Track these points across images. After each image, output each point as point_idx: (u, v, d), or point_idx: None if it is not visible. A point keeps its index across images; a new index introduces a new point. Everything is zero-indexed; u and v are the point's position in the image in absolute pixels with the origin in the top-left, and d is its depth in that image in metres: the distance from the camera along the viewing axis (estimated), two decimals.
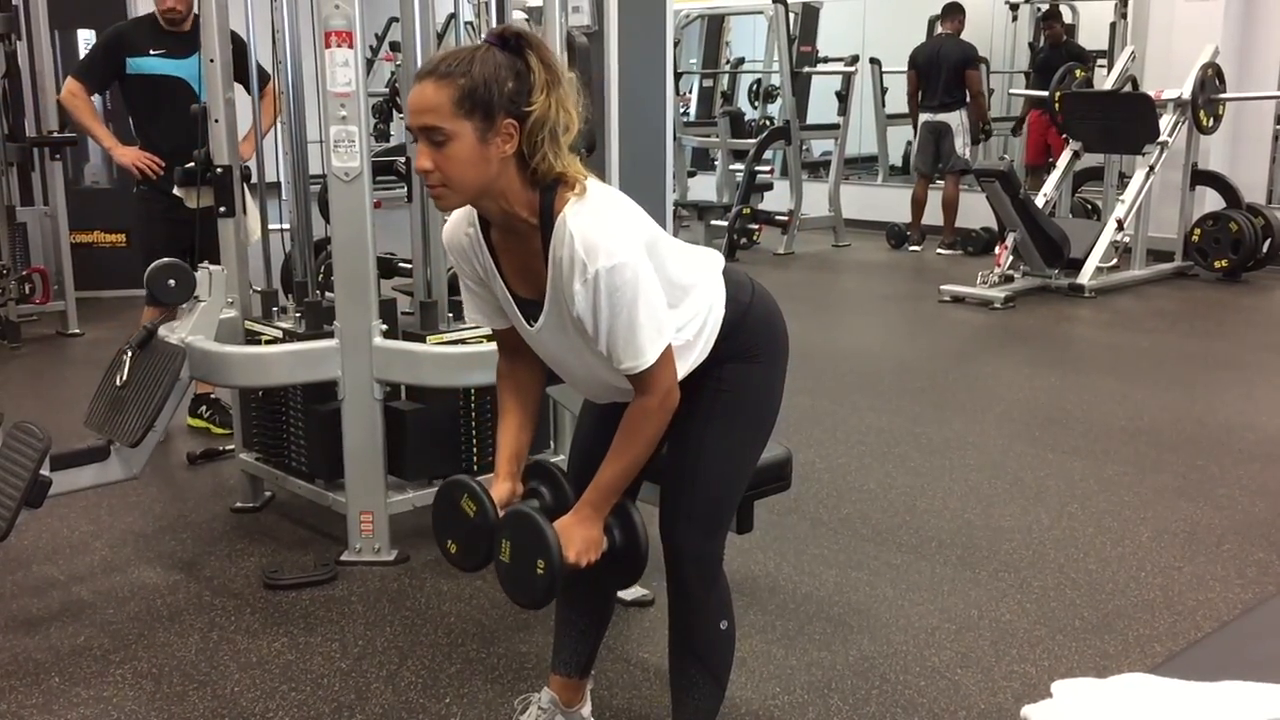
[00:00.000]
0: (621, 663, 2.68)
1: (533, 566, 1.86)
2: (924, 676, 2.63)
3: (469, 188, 1.80)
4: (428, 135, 1.77)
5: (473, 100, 1.74)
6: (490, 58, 1.77)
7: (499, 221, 1.88)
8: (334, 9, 2.97)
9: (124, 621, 2.92)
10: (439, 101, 1.75)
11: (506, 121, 1.77)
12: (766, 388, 2.05)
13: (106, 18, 6.87)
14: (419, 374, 3.16)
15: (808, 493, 3.73)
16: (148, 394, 3.11)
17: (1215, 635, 1.67)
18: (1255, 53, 8.20)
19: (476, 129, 1.75)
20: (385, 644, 2.79)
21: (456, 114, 1.75)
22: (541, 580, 1.86)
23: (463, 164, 1.77)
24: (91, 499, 3.61)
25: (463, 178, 1.78)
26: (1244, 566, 3.23)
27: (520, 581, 1.90)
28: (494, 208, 1.85)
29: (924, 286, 7.56)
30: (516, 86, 1.77)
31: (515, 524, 1.91)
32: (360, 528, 3.20)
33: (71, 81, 4.39)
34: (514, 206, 1.83)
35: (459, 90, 1.74)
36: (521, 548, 1.88)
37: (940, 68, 8.56)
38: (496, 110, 1.76)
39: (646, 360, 1.83)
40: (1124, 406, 4.78)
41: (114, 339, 3.54)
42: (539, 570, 1.86)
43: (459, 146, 1.76)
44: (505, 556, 1.91)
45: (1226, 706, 1.26)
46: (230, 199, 3.49)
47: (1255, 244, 7.53)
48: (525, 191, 1.83)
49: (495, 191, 1.82)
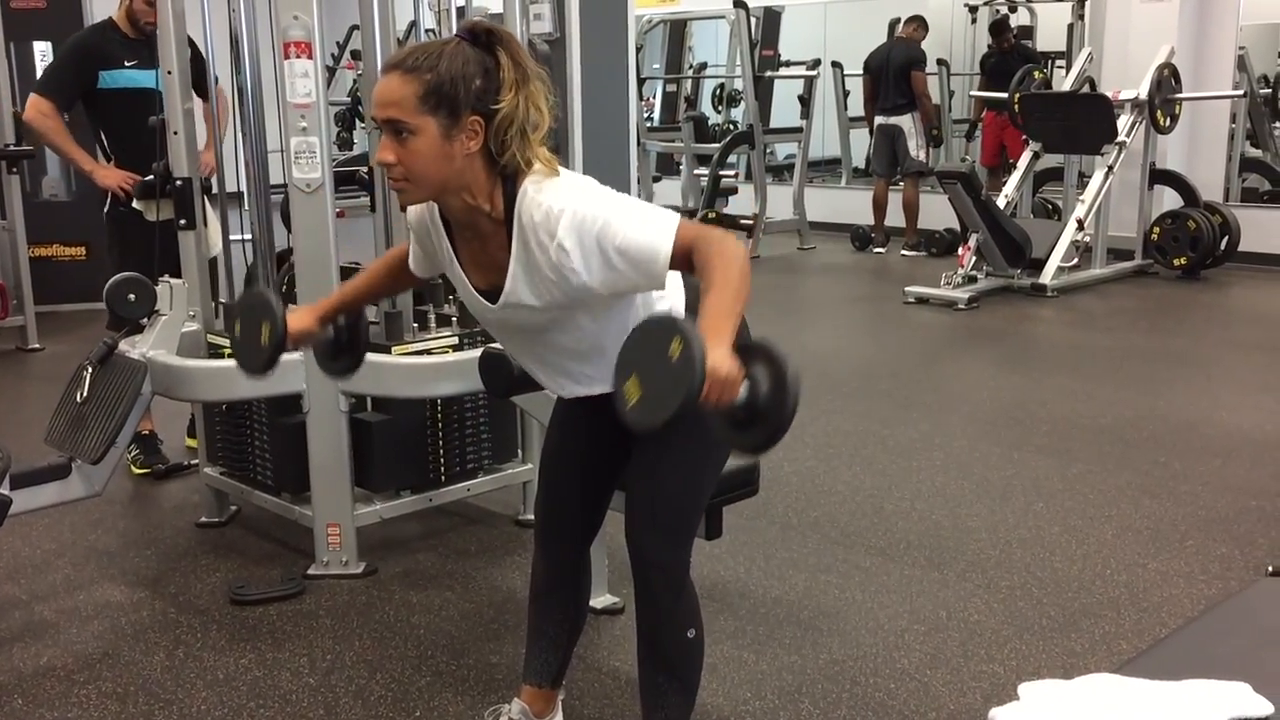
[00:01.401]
0: (593, 672, 2.67)
1: (666, 362, 1.54)
2: (894, 679, 2.64)
3: (431, 183, 1.79)
4: (391, 128, 1.75)
5: (438, 96, 1.73)
6: (459, 53, 1.75)
7: (461, 217, 1.87)
8: (293, 19, 2.95)
9: (88, 640, 2.88)
10: (404, 95, 1.73)
11: (472, 119, 1.75)
12: None
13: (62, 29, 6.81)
14: (385, 385, 3.14)
15: (776, 497, 3.74)
16: (109, 410, 3.07)
17: (1179, 633, 1.68)
18: (1210, 53, 8.31)
19: (441, 125, 1.74)
20: (354, 658, 2.77)
21: (421, 109, 1.73)
22: (679, 366, 1.53)
23: (425, 159, 1.75)
24: (53, 517, 3.56)
25: (425, 173, 1.77)
26: (1207, 562, 3.26)
27: (655, 394, 1.57)
28: (457, 203, 1.83)
29: (888, 288, 7.61)
30: (484, 84, 1.75)
31: (635, 339, 1.62)
32: (327, 541, 3.18)
33: (39, 99, 4.07)
34: (478, 200, 1.82)
35: (425, 85, 1.73)
36: (649, 350, 1.58)
37: (889, 71, 8.66)
38: (462, 107, 1.74)
39: (665, 240, 1.72)
40: (1087, 405, 4.83)
41: (74, 354, 3.50)
42: (673, 355, 1.53)
43: (422, 141, 1.74)
44: (635, 394, 1.59)
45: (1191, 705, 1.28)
46: (190, 211, 3.45)
47: (1213, 242, 7.63)
48: (489, 184, 1.81)
49: (458, 187, 1.80)
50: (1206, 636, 1.60)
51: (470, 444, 3.42)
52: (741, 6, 9.01)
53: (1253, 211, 8.16)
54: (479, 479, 3.45)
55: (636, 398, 1.60)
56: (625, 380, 1.61)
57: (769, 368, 1.63)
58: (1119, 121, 7.56)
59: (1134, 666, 1.45)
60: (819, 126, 10.07)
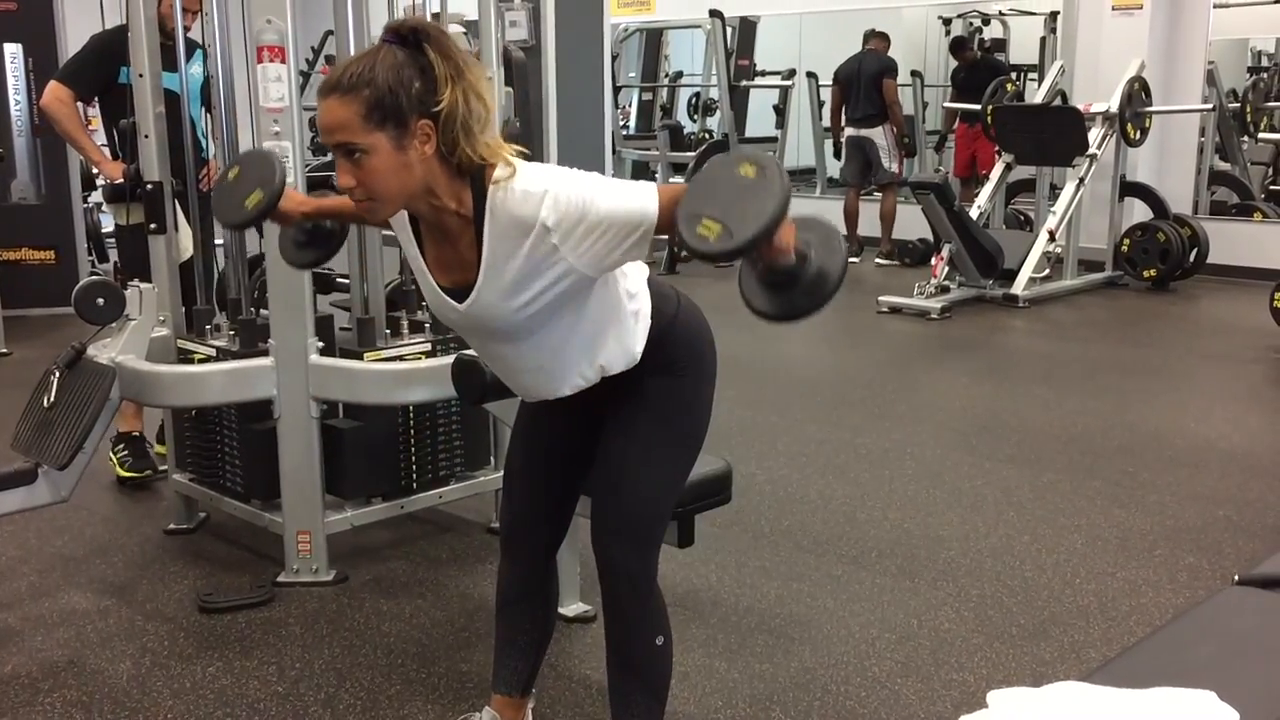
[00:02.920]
0: (564, 680, 2.66)
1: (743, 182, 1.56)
2: (865, 687, 2.65)
3: (395, 196, 1.77)
4: (343, 151, 1.74)
5: (382, 110, 1.71)
6: (390, 59, 1.73)
7: (430, 219, 1.86)
8: (266, 24, 2.94)
9: (53, 648, 2.85)
10: (347, 117, 1.71)
11: (421, 123, 1.73)
12: (693, 403, 2.04)
13: (34, 32, 6.78)
14: (356, 391, 3.13)
15: (748, 505, 3.74)
16: (76, 415, 3.04)
17: (1147, 642, 1.69)
18: (1180, 66, 8.41)
19: (391, 138, 1.72)
20: (323, 666, 2.74)
21: (368, 127, 1.71)
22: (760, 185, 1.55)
23: (384, 175, 1.73)
24: (19, 523, 3.52)
25: (387, 188, 1.75)
26: (1175, 571, 3.29)
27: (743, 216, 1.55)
28: (424, 206, 1.82)
29: (862, 297, 7.63)
30: (423, 86, 1.73)
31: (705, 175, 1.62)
32: (297, 548, 3.15)
33: (59, 87, 4.06)
34: (444, 200, 1.80)
35: (366, 103, 1.70)
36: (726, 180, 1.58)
37: (860, 81, 8.70)
38: (408, 114, 1.72)
39: (650, 207, 1.71)
40: (1058, 414, 4.86)
41: (42, 358, 3.46)
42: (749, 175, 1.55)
43: (377, 159, 1.72)
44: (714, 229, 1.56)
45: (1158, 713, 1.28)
46: (160, 215, 3.43)
47: (1182, 254, 7.70)
48: (454, 184, 1.79)
49: (423, 191, 1.79)
50: (1174, 645, 1.62)
51: (443, 451, 3.40)
52: (717, 16, 9.05)
53: (1221, 224, 8.25)
54: (451, 486, 3.44)
55: (717, 233, 1.56)
56: (695, 225, 1.58)
57: (820, 235, 1.69)
58: (1090, 134, 7.63)
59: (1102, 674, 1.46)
60: (794, 136, 10.12)
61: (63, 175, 6.97)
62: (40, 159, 6.96)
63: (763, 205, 1.54)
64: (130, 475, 4.01)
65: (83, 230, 7.22)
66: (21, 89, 6.83)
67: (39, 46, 6.77)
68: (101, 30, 4.12)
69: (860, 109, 8.73)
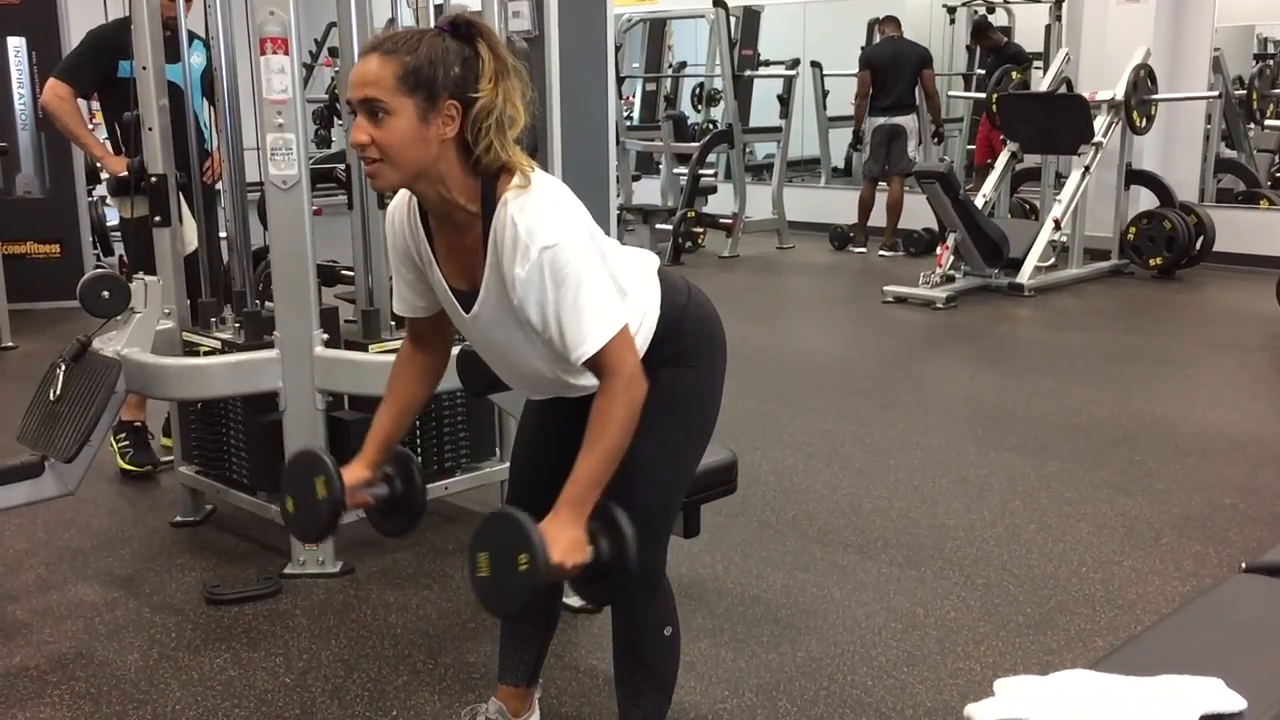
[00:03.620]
0: (570, 670, 2.67)
1: (515, 565, 1.72)
2: (871, 676, 2.65)
3: (407, 166, 1.77)
4: (367, 108, 1.74)
5: (417, 78, 1.72)
6: (439, 42, 1.75)
7: (436, 209, 1.86)
8: (269, 15, 2.93)
9: (61, 641, 2.86)
10: (382, 75, 1.72)
11: (450, 103, 1.74)
12: (703, 392, 2.04)
13: (38, 25, 6.78)
14: (362, 383, 3.12)
15: (754, 495, 3.74)
16: (82, 408, 3.04)
17: (1153, 630, 1.69)
18: (1185, 54, 8.37)
19: (418, 107, 1.73)
20: (330, 657, 2.75)
21: (399, 89, 1.72)
22: (524, 578, 1.71)
23: (401, 140, 1.73)
24: (26, 516, 3.53)
25: (400, 154, 1.75)
26: (1181, 559, 3.29)
27: (502, 587, 1.76)
28: (432, 193, 1.82)
29: (867, 287, 7.63)
30: (463, 72, 1.75)
31: (492, 527, 1.79)
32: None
33: (58, 84, 4.04)
34: (453, 193, 1.80)
35: (403, 66, 1.72)
36: (501, 548, 1.75)
37: (900, 69, 8.64)
38: (440, 91, 1.73)
39: (592, 345, 1.78)
40: (1063, 403, 4.85)
41: (48, 352, 3.47)
42: (521, 566, 1.71)
43: (398, 122, 1.73)
44: (484, 569, 1.77)
45: (1164, 701, 1.28)
46: (165, 208, 3.43)
47: (1188, 242, 7.68)
48: (466, 179, 1.80)
49: (434, 175, 1.79)
50: (1180, 633, 1.61)
51: (448, 442, 3.40)
52: (721, 6, 9.02)
53: (1228, 212, 8.22)
54: (457, 477, 3.44)
55: (486, 573, 1.78)
56: (478, 552, 1.78)
57: (612, 533, 1.81)
58: (1096, 122, 7.60)
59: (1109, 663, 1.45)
60: (798, 126, 10.08)
61: (67, 169, 6.98)
62: (45, 153, 6.97)
63: (515, 598, 1.77)
64: (131, 468, 4.02)
65: (88, 224, 7.23)
66: (25, 83, 6.83)
67: (42, 40, 6.78)
68: (100, 24, 4.11)
69: (895, 96, 8.66)
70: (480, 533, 1.81)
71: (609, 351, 1.80)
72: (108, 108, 4.14)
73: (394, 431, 2.07)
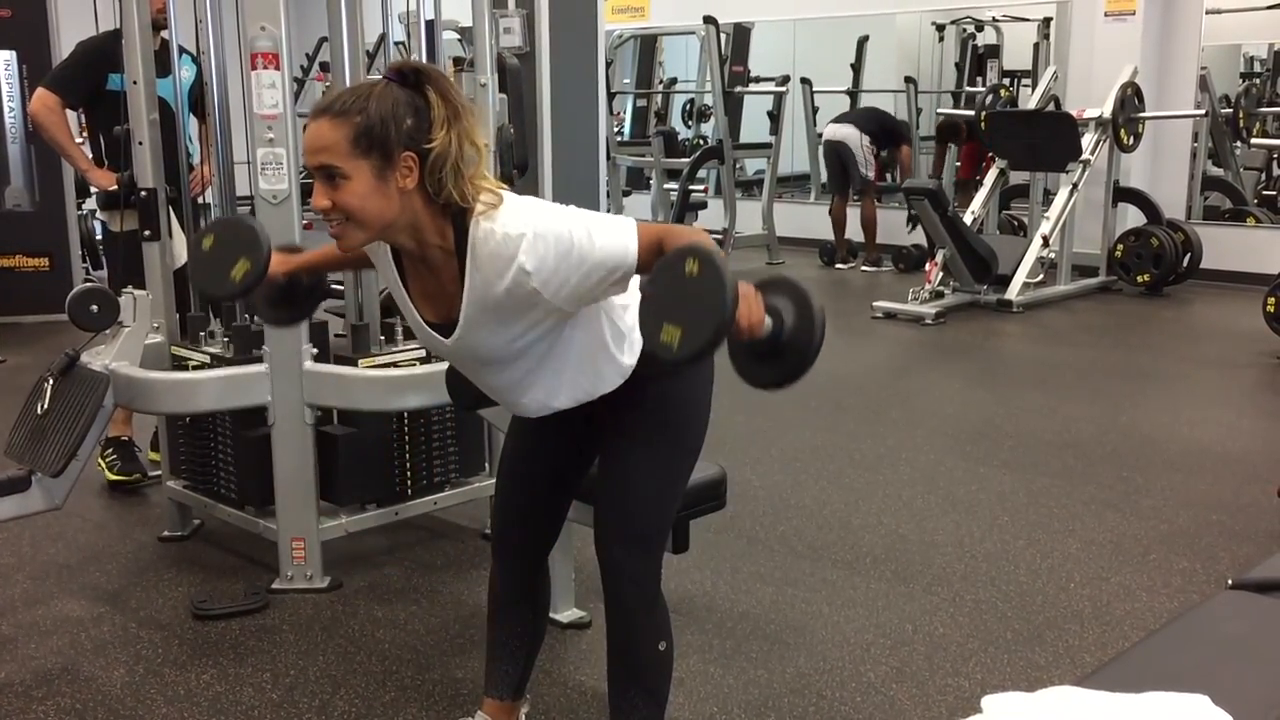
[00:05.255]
0: (559, 686, 2.66)
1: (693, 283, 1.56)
2: (860, 692, 2.65)
3: (371, 223, 1.77)
4: (324, 174, 1.74)
5: (369, 139, 1.72)
6: (388, 94, 1.74)
7: (413, 253, 1.86)
8: (260, 30, 2.94)
9: (47, 656, 2.84)
10: (334, 140, 1.72)
11: (405, 154, 1.74)
12: (691, 406, 2.05)
13: (28, 38, 6.77)
14: (351, 398, 3.12)
15: (744, 511, 3.74)
16: (70, 422, 3.03)
17: (1140, 646, 1.69)
18: (1172, 72, 8.43)
19: (374, 167, 1.73)
20: (318, 673, 2.74)
21: (353, 152, 1.72)
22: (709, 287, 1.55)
23: (361, 201, 1.74)
24: (12, 530, 3.51)
25: (363, 214, 1.75)
26: (1169, 576, 3.29)
27: (697, 319, 1.57)
28: (405, 241, 1.83)
29: (856, 303, 7.65)
30: (415, 123, 1.74)
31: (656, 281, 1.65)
32: (292, 555, 3.15)
33: (46, 94, 4.03)
34: (425, 236, 1.81)
35: (355, 129, 1.72)
36: (678, 286, 1.59)
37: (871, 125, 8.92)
38: (394, 147, 1.73)
39: (631, 247, 1.74)
40: (1052, 420, 4.87)
41: (36, 365, 3.46)
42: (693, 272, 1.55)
43: (356, 185, 1.73)
44: (675, 334, 1.58)
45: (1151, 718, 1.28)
46: (155, 222, 3.42)
47: (1176, 259, 7.72)
48: (435, 219, 1.80)
49: (402, 225, 1.79)
50: (1168, 649, 1.62)
51: (437, 457, 3.40)
52: (712, 22, 9.06)
53: (1214, 229, 8.27)
54: (446, 492, 3.43)
55: (679, 337, 1.57)
56: (658, 333, 1.59)
57: (790, 296, 1.67)
58: (1083, 140, 7.64)
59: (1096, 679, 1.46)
60: (788, 142, 10.12)
61: (57, 182, 6.96)
62: (34, 166, 6.94)
63: (714, 300, 1.56)
64: (119, 478, 4.00)
65: (77, 237, 7.21)
66: (15, 96, 6.81)
67: (33, 53, 6.77)
68: (90, 36, 4.11)
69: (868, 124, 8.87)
70: (646, 319, 1.64)
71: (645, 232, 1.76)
72: (95, 120, 4.14)
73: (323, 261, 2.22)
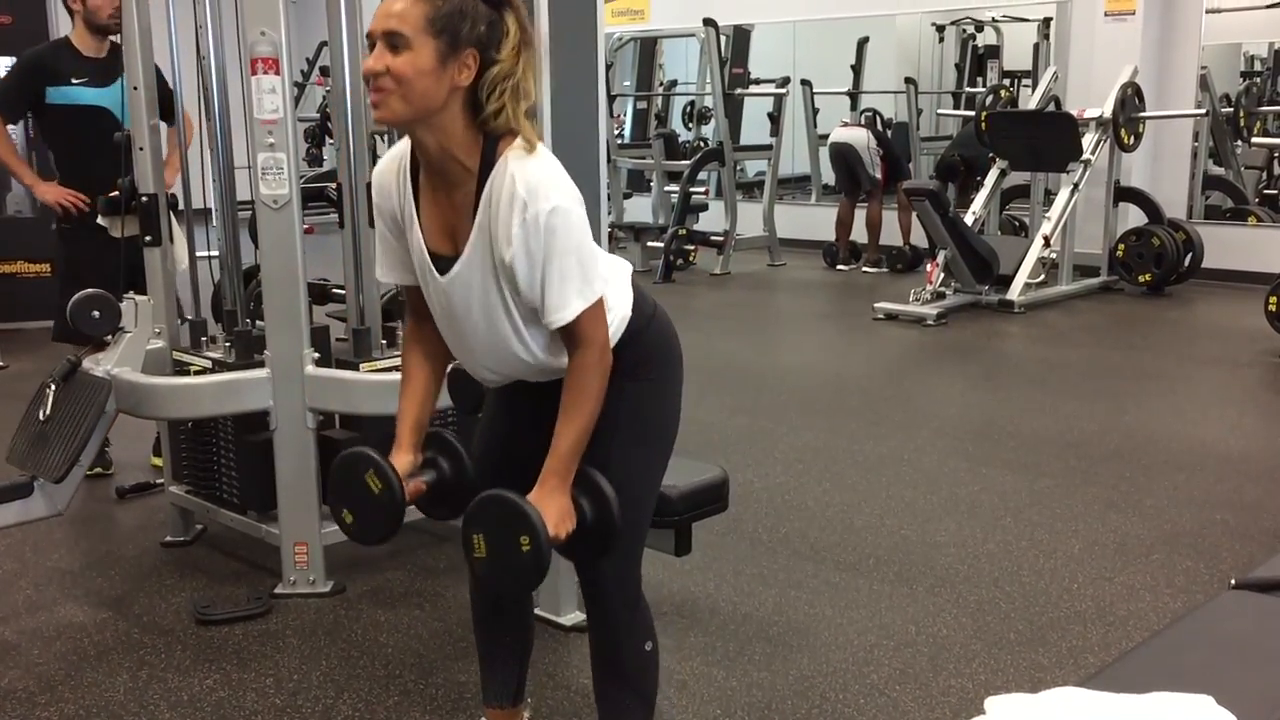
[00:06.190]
0: (561, 689, 2.66)
1: (517, 547, 1.77)
2: (863, 694, 2.64)
3: (416, 101, 1.76)
4: (388, 40, 1.75)
5: (444, 23, 1.74)
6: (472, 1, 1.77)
7: (433, 160, 1.84)
8: (260, 35, 2.94)
9: (50, 662, 2.84)
10: (412, 12, 1.74)
11: (469, 52, 1.76)
12: (662, 408, 2.03)
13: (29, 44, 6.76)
14: (353, 402, 3.12)
15: (746, 513, 3.74)
16: (72, 428, 3.04)
17: (1144, 646, 1.69)
18: (1173, 72, 8.43)
19: (439, 50, 1.74)
20: (321, 678, 2.74)
21: (425, 29, 1.73)
22: (529, 558, 1.77)
23: (416, 73, 1.74)
24: (15, 536, 3.51)
25: (412, 87, 1.75)
26: (1173, 575, 3.29)
27: (506, 568, 1.82)
28: (431, 142, 1.81)
29: (858, 304, 7.65)
30: (489, 32, 1.77)
31: (486, 509, 1.82)
32: (294, 559, 3.15)
33: None
34: (452, 146, 1.81)
35: (433, 9, 1.74)
36: (500, 532, 1.79)
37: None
38: (463, 41, 1.75)
39: (571, 311, 1.81)
40: (1054, 420, 4.86)
41: (38, 371, 3.46)
42: (524, 548, 1.76)
43: (416, 57, 1.74)
44: (480, 551, 1.82)
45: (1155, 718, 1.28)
46: (156, 227, 3.43)
47: (1177, 258, 7.72)
48: (468, 134, 1.81)
49: (437, 123, 1.79)
50: (1171, 649, 1.62)
51: None
52: (711, 24, 9.07)
53: (1215, 229, 8.27)
54: None
55: (484, 554, 1.83)
56: (473, 533, 1.83)
57: (592, 494, 1.89)
58: (1084, 140, 7.64)
59: (1100, 680, 1.46)
60: (788, 144, 10.13)
61: None
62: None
63: (521, 579, 1.84)
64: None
65: None
66: None
67: None
68: (31, 49, 4.18)
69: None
70: (473, 515, 1.84)
71: (585, 320, 1.83)
72: (43, 133, 4.20)
73: (422, 413, 2.06)
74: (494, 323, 1.89)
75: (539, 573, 1.81)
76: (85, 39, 4.12)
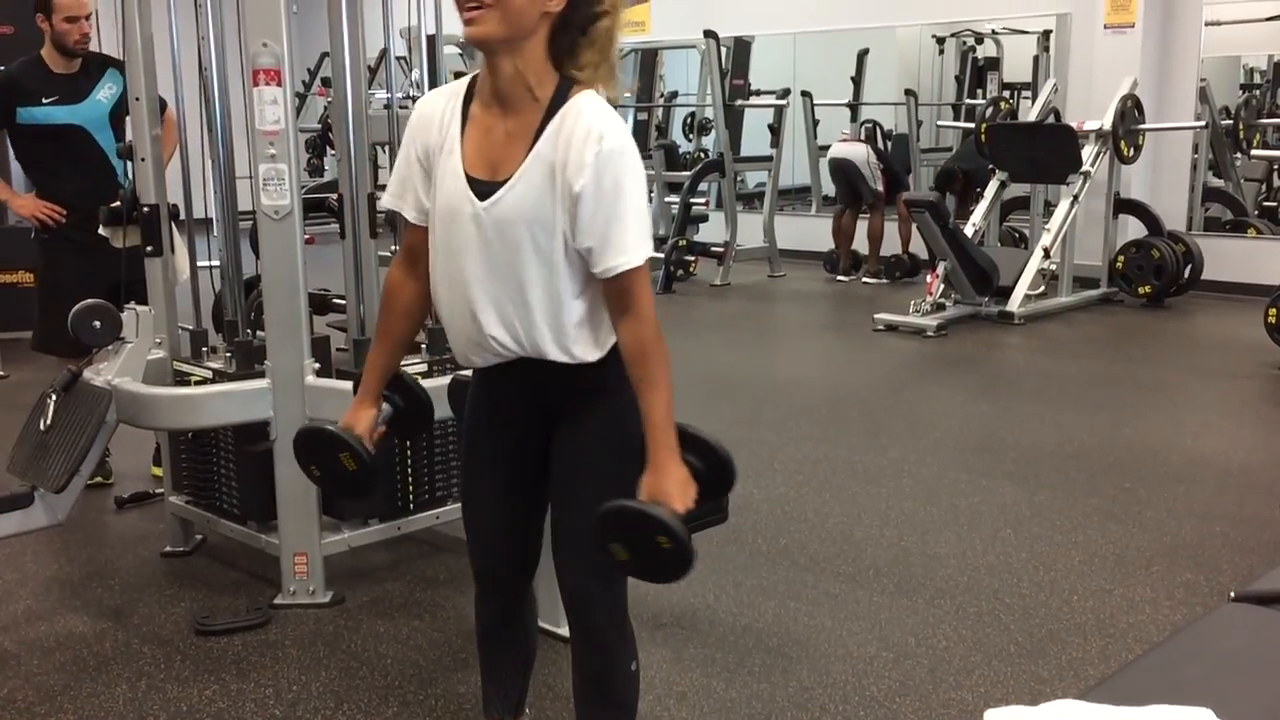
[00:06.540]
0: (561, 700, 2.65)
1: (656, 546, 1.77)
2: (863, 706, 2.64)
3: (511, 19, 1.76)
4: None
5: None
6: None
7: (504, 85, 1.83)
8: (261, 47, 2.95)
9: (50, 672, 2.84)
10: None
11: None
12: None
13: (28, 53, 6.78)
14: None
15: (746, 524, 3.74)
16: (73, 438, 3.04)
17: (1144, 659, 1.69)
18: (1172, 84, 8.45)
19: None
20: (320, 688, 2.74)
21: None
22: (671, 552, 1.77)
23: None
24: (15, 546, 3.51)
25: (508, 7, 1.75)
26: (1172, 588, 3.29)
27: (653, 567, 1.82)
28: (509, 67, 1.81)
29: (858, 315, 7.65)
30: None
31: (611, 525, 1.81)
32: (294, 570, 3.15)
33: None
34: (529, 74, 1.81)
35: None
36: (635, 537, 1.79)
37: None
38: None
39: (635, 258, 1.80)
40: (1054, 431, 4.87)
41: (39, 381, 3.46)
42: (664, 545, 1.76)
43: None
44: (624, 555, 1.82)
45: None
46: (157, 238, 3.43)
47: (1177, 270, 7.73)
48: (545, 65, 1.82)
49: (522, 46, 1.79)
50: (1171, 662, 1.61)
51: (439, 472, 3.40)
52: (712, 36, 9.09)
53: (1215, 241, 8.28)
54: (448, 506, 3.43)
55: (627, 557, 1.81)
56: (609, 544, 1.82)
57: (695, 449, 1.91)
58: (1084, 152, 7.65)
59: (1099, 692, 1.45)
60: (789, 155, 10.14)
61: None
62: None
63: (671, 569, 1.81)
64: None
65: None
66: None
67: None
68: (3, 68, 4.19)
69: None
70: (600, 531, 1.82)
71: (639, 279, 1.82)
72: (19, 151, 4.24)
73: (389, 365, 2.11)
74: (519, 263, 1.84)
75: (686, 560, 1.78)
76: (55, 57, 4.14)
